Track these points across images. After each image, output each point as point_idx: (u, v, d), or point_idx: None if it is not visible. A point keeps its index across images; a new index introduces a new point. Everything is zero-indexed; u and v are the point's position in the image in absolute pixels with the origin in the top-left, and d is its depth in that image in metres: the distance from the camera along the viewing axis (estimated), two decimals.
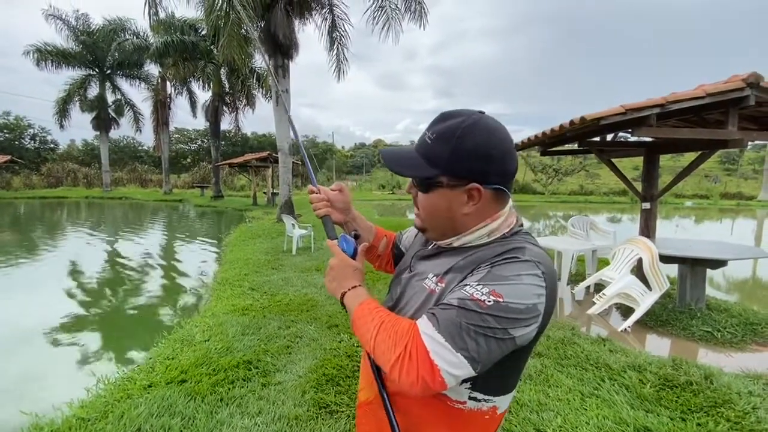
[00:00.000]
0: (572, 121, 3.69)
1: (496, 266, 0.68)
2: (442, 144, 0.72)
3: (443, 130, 0.72)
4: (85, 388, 2.71)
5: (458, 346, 0.62)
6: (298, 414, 2.28)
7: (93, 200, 23.40)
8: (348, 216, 1.04)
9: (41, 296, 5.49)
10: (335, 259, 0.86)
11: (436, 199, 0.75)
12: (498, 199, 0.75)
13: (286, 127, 11.39)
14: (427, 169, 0.73)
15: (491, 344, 0.63)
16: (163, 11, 10.77)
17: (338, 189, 1.03)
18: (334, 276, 0.84)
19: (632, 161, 7.09)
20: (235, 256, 7.09)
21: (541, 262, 0.69)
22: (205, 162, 36.32)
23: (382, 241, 1.10)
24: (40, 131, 37.90)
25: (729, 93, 3.33)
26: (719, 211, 23.49)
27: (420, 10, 10.70)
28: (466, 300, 0.65)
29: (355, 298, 0.80)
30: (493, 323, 0.63)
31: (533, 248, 0.72)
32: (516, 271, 0.66)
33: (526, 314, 0.64)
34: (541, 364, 2.88)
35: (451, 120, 0.72)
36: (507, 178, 0.74)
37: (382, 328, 0.70)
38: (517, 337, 0.65)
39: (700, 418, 2.23)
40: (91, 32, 23.48)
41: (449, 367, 0.63)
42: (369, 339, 0.71)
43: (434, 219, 0.78)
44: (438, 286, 0.75)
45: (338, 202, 1.02)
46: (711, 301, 4.29)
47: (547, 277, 0.68)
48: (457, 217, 0.75)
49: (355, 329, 0.77)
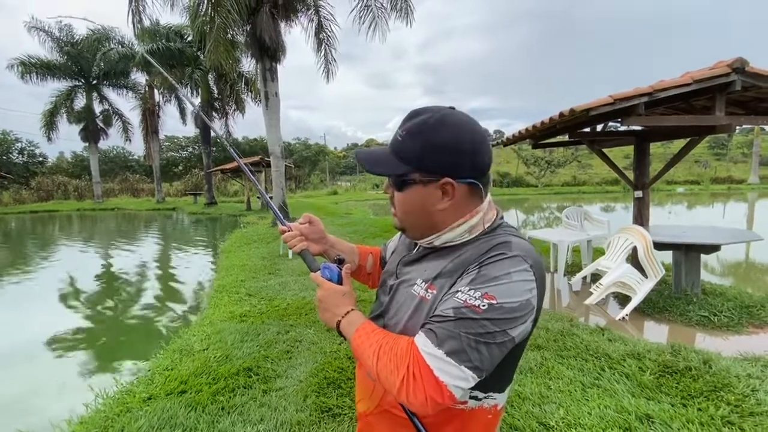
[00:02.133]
0: (562, 113, 3.70)
1: (485, 266, 0.68)
2: (412, 140, 0.72)
3: (412, 127, 0.72)
4: (83, 404, 2.68)
5: (461, 359, 0.62)
6: (300, 419, 2.26)
7: (85, 212, 23.12)
8: (326, 244, 1.04)
9: (36, 311, 5.42)
10: (321, 290, 0.84)
11: (411, 197, 0.75)
12: (474, 193, 0.75)
13: (278, 131, 11.34)
14: (400, 166, 0.73)
15: (493, 350, 0.63)
16: (147, 19, 10.64)
17: (307, 221, 1.03)
18: (325, 307, 0.83)
19: (623, 150, 7.14)
20: (231, 262, 7.04)
21: (528, 255, 0.69)
22: (197, 169, 36.07)
23: (368, 259, 1.09)
24: (28, 145, 37.42)
25: (715, 79, 3.36)
26: (710, 195, 23.76)
27: (406, 8, 10.68)
28: (461, 308, 0.64)
29: (350, 324, 0.78)
30: (492, 327, 0.63)
31: (518, 241, 0.72)
32: (505, 269, 0.66)
33: (520, 311, 0.64)
34: (542, 357, 2.89)
35: (420, 116, 0.72)
36: (480, 172, 0.73)
37: (381, 352, 0.69)
38: (515, 335, 0.65)
39: (700, 403, 2.24)
40: (75, 43, 23.18)
41: (455, 381, 0.62)
42: (371, 366, 0.70)
43: (411, 217, 0.78)
44: (429, 293, 0.74)
45: (311, 233, 1.01)
46: (706, 286, 4.33)
47: (535, 270, 0.68)
48: (434, 214, 0.75)
49: (357, 356, 0.76)
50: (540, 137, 5.32)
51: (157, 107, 24.72)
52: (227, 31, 9.47)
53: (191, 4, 10.20)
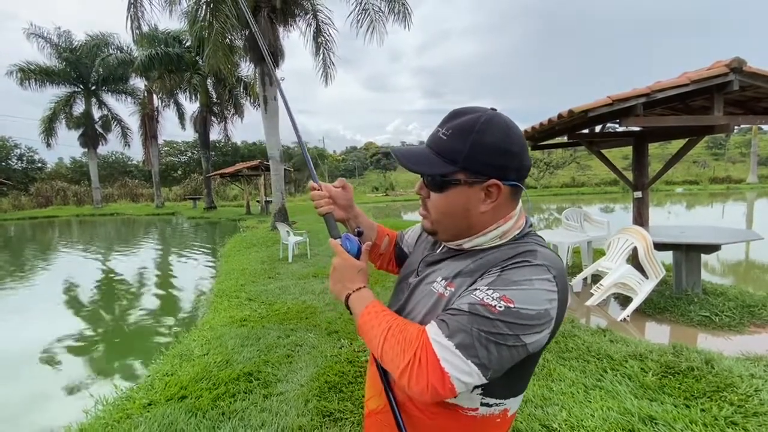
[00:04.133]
0: (560, 115, 3.71)
1: (507, 270, 0.66)
2: (459, 139, 0.69)
3: (460, 126, 0.70)
4: (83, 411, 2.66)
5: (469, 353, 0.61)
6: (301, 424, 2.25)
7: (84, 218, 23.10)
8: (350, 213, 1.01)
9: (35, 318, 5.39)
10: (338, 258, 0.83)
11: (452, 198, 0.72)
12: (513, 197, 0.74)
13: (277, 135, 11.35)
14: (444, 165, 0.71)
15: (502, 351, 0.62)
16: (146, 24, 10.66)
17: (341, 185, 1.00)
18: (338, 278, 0.82)
19: (621, 150, 7.14)
20: (230, 266, 7.03)
21: (553, 266, 0.68)
22: (196, 173, 36.10)
23: (384, 240, 1.08)
24: (27, 151, 37.44)
25: (713, 79, 3.37)
26: (709, 195, 23.77)
27: (404, 11, 10.74)
28: (476, 305, 0.63)
29: (360, 300, 0.78)
30: (505, 330, 0.61)
31: (544, 251, 0.71)
32: (527, 275, 0.65)
33: (537, 320, 0.63)
34: (543, 359, 2.88)
35: (466, 116, 0.71)
36: (523, 174, 0.73)
37: (390, 334, 0.68)
38: (529, 343, 0.63)
39: (703, 404, 2.23)
40: (74, 49, 23.29)
41: (459, 374, 0.61)
42: (377, 344, 0.69)
43: (449, 219, 0.75)
44: (447, 290, 0.73)
45: (341, 198, 0.99)
46: (707, 286, 4.33)
47: (558, 282, 0.66)
48: (473, 217, 0.73)
49: (362, 333, 0.74)
50: (539, 139, 5.33)
51: (156, 112, 24.75)
52: (226, 36, 9.51)
53: (190, 9, 10.24)
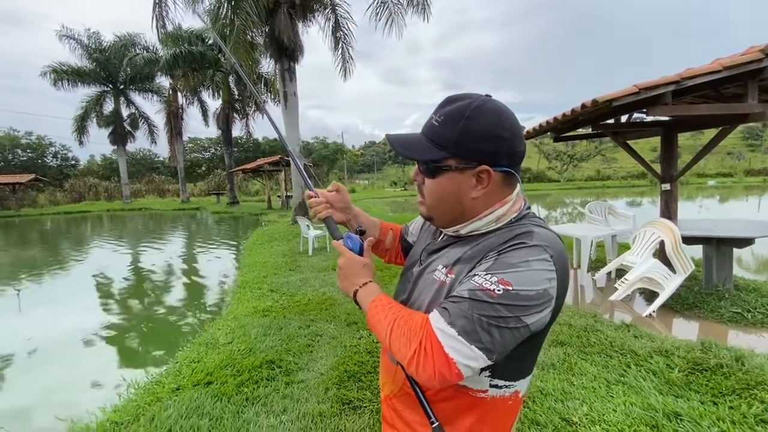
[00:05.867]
0: (584, 105, 3.61)
1: (504, 254, 0.67)
2: (450, 125, 0.70)
3: (451, 112, 0.71)
4: (117, 393, 2.81)
5: (472, 338, 0.62)
6: (322, 410, 2.31)
7: (114, 213, 24.06)
8: (349, 214, 1.04)
9: (72, 306, 5.68)
10: (342, 258, 0.86)
11: (444, 184, 0.74)
12: (506, 182, 0.74)
13: (296, 130, 11.48)
14: (435, 151, 0.72)
15: (505, 334, 0.63)
16: (170, 24, 10.95)
17: (335, 189, 1.02)
18: (345, 275, 0.85)
19: (650, 142, 6.89)
20: (253, 259, 7.21)
21: (549, 246, 0.68)
22: (219, 169, 36.98)
23: (389, 235, 1.10)
24: (61, 149, 39.25)
25: (747, 65, 3.21)
26: (744, 188, 22.66)
27: (422, 3, 10.61)
28: (476, 291, 0.64)
29: (367, 295, 0.80)
30: (505, 312, 0.62)
31: (541, 231, 0.71)
32: (524, 257, 0.66)
33: (537, 300, 0.64)
34: (564, 353, 2.84)
35: (458, 102, 0.71)
36: (516, 160, 0.73)
37: (396, 325, 0.70)
38: (530, 323, 0.64)
39: (732, 401, 2.17)
40: (103, 49, 24.14)
41: (464, 359, 0.63)
42: (384, 336, 0.72)
43: (442, 204, 0.77)
44: (448, 277, 0.75)
45: (337, 201, 1.01)
46: (739, 281, 4.15)
47: (556, 260, 0.67)
48: (466, 202, 0.74)
49: (371, 326, 0.77)
50: (562, 130, 5.20)
51: (180, 110, 25.45)
52: (246, 33, 9.65)
53: (212, 7, 10.43)
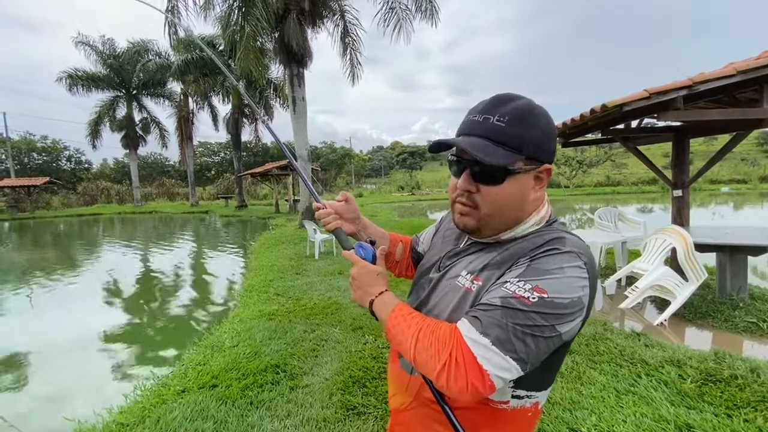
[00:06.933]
0: (593, 110, 3.58)
1: (537, 259, 0.65)
2: (520, 126, 0.67)
3: (516, 112, 0.67)
4: (123, 395, 2.82)
5: (506, 348, 0.60)
6: (326, 416, 2.29)
7: (126, 215, 24.40)
8: (359, 225, 1.01)
9: (80, 308, 5.75)
10: (356, 267, 0.83)
11: (512, 188, 0.69)
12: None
13: (305, 135, 11.56)
14: (509, 155, 0.67)
15: (539, 343, 0.61)
16: (182, 30, 11.15)
17: (344, 199, 0.99)
18: (359, 285, 0.81)
19: (661, 148, 6.79)
20: (260, 263, 7.24)
21: (582, 252, 0.66)
22: (228, 173, 37.39)
23: (398, 247, 1.07)
24: (75, 152, 40.02)
25: (762, 69, 3.15)
26: (759, 195, 22.21)
27: (431, 9, 10.65)
28: (509, 298, 0.62)
29: (384, 304, 0.76)
30: (540, 321, 0.60)
31: (571, 237, 0.69)
32: (558, 263, 0.64)
33: (571, 308, 0.62)
34: (573, 361, 2.79)
35: (516, 101, 0.68)
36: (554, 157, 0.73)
37: (421, 335, 0.67)
38: (563, 333, 0.62)
39: (747, 414, 2.10)
40: (117, 55, 24.61)
41: (498, 370, 0.60)
42: (408, 348, 0.68)
43: (505, 211, 0.71)
44: (474, 284, 0.72)
45: (346, 212, 0.98)
46: (755, 291, 4.05)
47: (589, 268, 0.65)
48: (526, 205, 0.71)
49: (391, 338, 0.73)
50: (570, 135, 5.16)
51: (191, 114, 25.81)
52: (256, 39, 9.77)
53: (223, 14, 10.59)
